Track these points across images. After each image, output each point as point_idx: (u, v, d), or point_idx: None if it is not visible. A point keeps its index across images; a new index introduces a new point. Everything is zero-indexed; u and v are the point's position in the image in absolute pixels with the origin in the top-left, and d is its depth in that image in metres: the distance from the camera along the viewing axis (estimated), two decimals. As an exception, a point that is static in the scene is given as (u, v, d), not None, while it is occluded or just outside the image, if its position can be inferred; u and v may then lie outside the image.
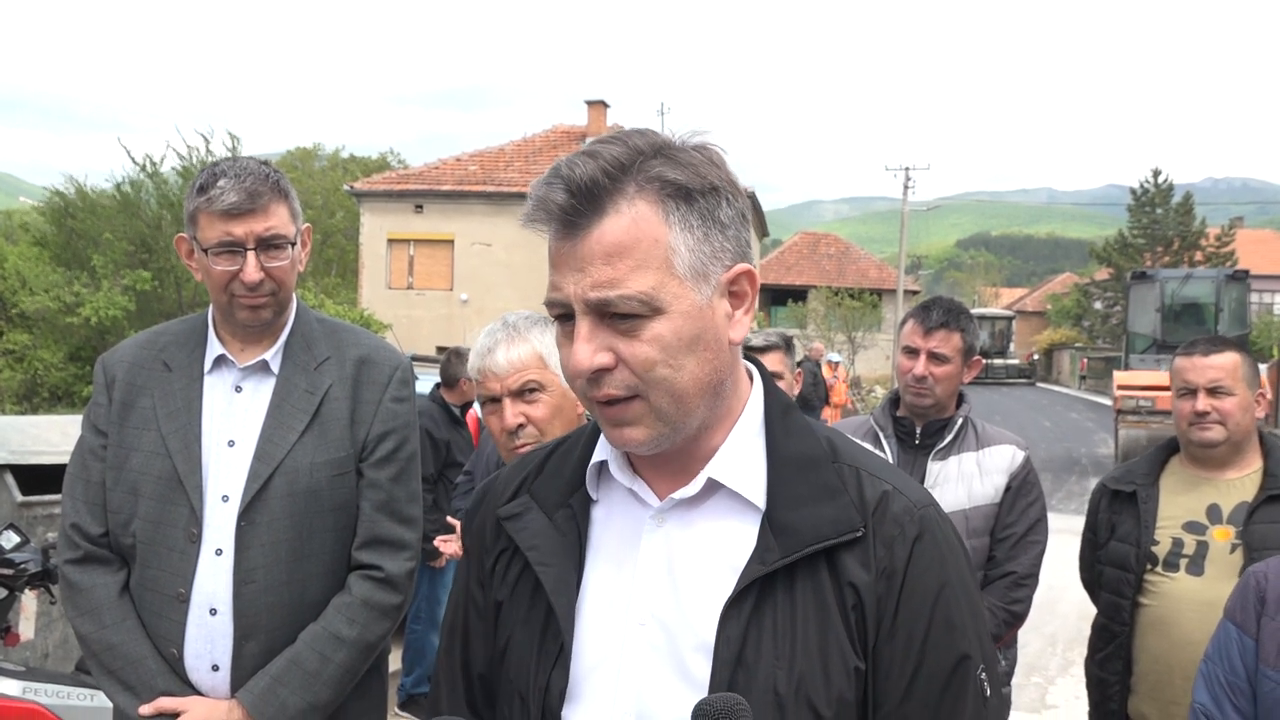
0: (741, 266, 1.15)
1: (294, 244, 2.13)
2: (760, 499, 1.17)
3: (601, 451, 1.24)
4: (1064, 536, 3.32)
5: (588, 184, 1.07)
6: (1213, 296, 17.32)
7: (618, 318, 1.09)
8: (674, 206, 1.09)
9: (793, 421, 1.22)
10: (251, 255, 2.06)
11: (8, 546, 3.08)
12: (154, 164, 22.45)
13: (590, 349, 1.10)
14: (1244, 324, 17.19)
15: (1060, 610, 7.45)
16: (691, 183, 1.10)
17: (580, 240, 1.09)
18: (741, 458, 1.19)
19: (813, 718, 1.10)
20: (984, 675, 1.17)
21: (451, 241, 27.86)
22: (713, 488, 1.18)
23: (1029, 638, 6.76)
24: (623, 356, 1.10)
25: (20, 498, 4.46)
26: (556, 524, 1.23)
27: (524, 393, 2.18)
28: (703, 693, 1.11)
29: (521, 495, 1.29)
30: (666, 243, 1.09)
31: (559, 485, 1.26)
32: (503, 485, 1.33)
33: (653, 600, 1.17)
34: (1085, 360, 39.58)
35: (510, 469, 1.36)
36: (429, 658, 5.54)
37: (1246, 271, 18.21)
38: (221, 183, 2.04)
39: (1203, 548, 2.69)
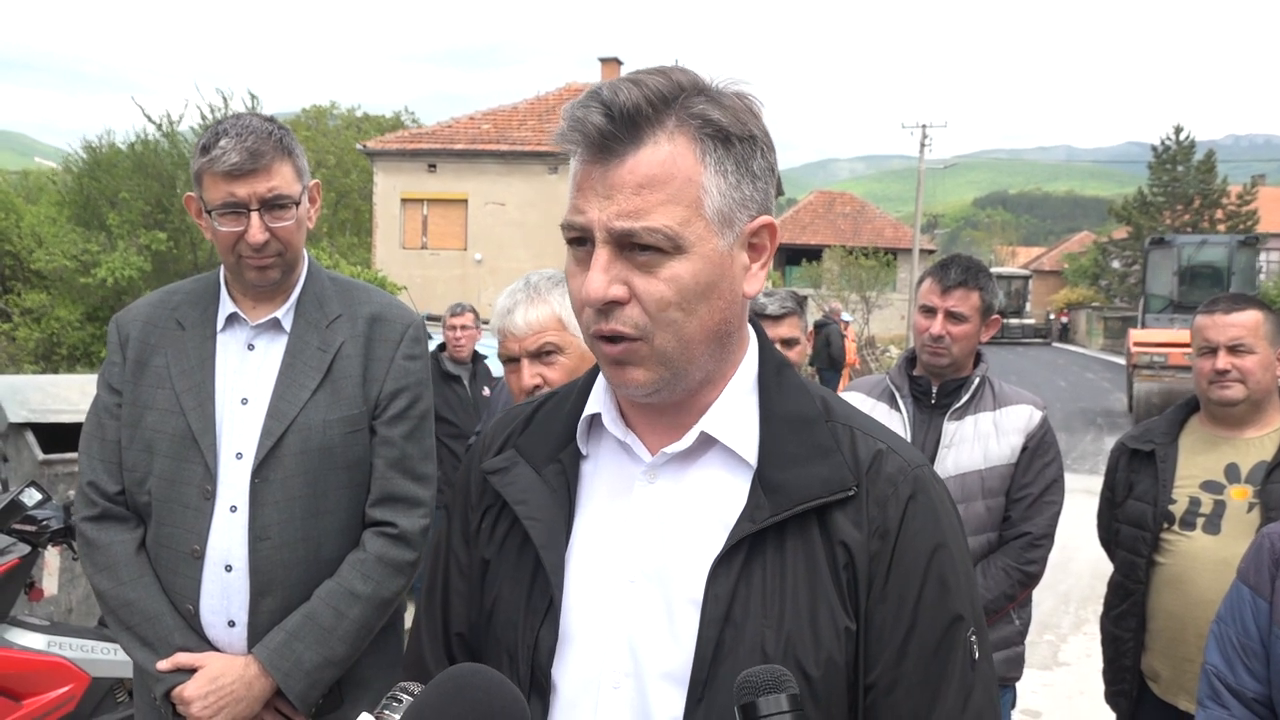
0: (765, 219, 1.13)
1: (299, 203, 2.11)
2: (752, 456, 1.15)
3: (595, 404, 1.23)
4: (1078, 496, 3.32)
5: (630, 110, 1.05)
6: (1226, 260, 18.33)
7: (638, 251, 1.07)
8: (711, 147, 1.07)
9: (786, 380, 1.21)
10: (255, 216, 2.05)
11: (30, 504, 3.12)
12: (171, 123, 22.41)
13: (606, 279, 1.07)
14: (1253, 286, 18.23)
15: (1073, 569, 7.47)
16: (732, 127, 1.08)
17: (613, 167, 1.06)
18: (735, 414, 1.17)
19: (801, 678, 1.08)
20: (974, 638, 1.16)
21: (465, 201, 27.77)
22: (705, 444, 1.17)
23: (1042, 596, 6.79)
24: (637, 292, 1.08)
25: (41, 455, 4.51)
26: (545, 478, 1.21)
27: (541, 354, 2.19)
28: (691, 651, 1.10)
29: (507, 450, 1.27)
30: (699, 182, 1.07)
31: (548, 439, 1.24)
32: (489, 440, 1.31)
33: (644, 556, 1.16)
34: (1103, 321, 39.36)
35: (495, 425, 1.34)
36: None
37: (1257, 237, 19.53)
38: (223, 142, 2.02)
39: (1220, 507, 2.68)
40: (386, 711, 1.07)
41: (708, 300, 1.10)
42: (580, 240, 1.10)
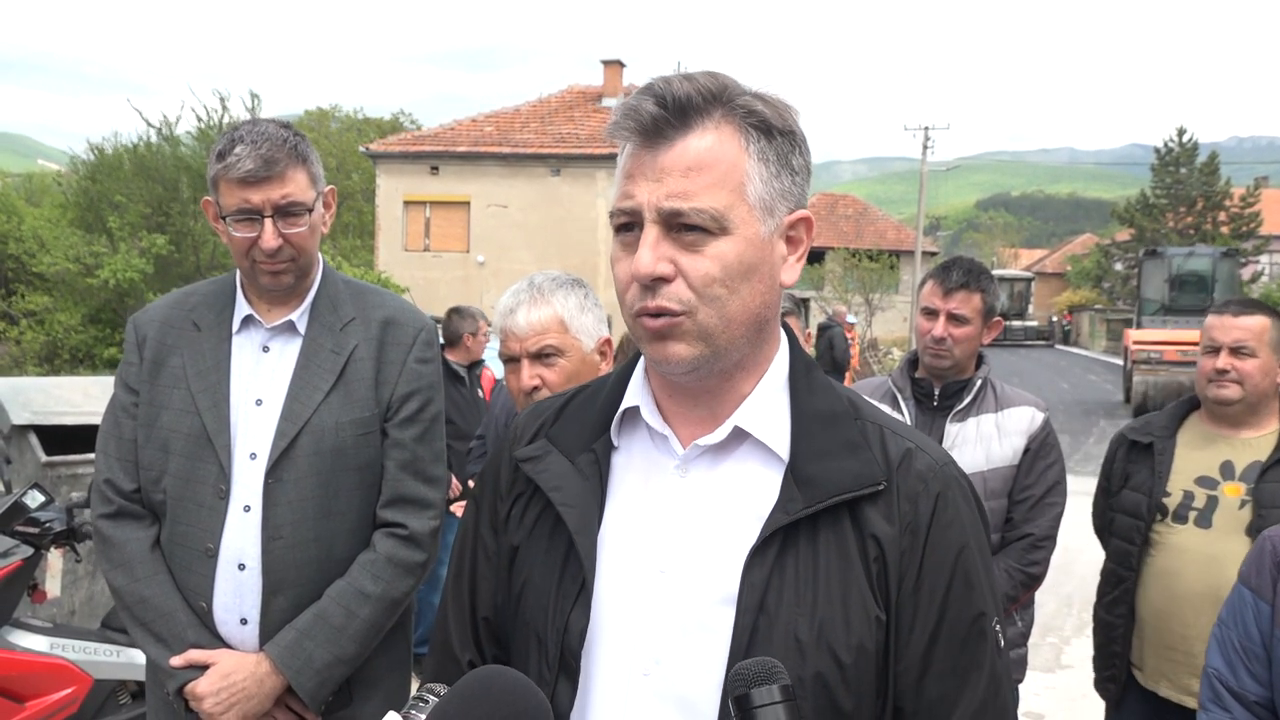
0: (802, 212, 1.19)
1: (312, 209, 2.14)
2: (784, 450, 1.19)
3: (632, 397, 1.26)
4: (1081, 498, 3.32)
5: (682, 100, 1.12)
6: (1210, 269, 20.84)
7: (685, 231, 1.12)
8: (755, 137, 1.14)
9: (815, 379, 1.25)
10: (269, 223, 2.08)
11: (33, 506, 3.13)
12: (169, 126, 22.45)
13: (654, 255, 1.12)
14: (1233, 292, 20.25)
15: (1076, 571, 7.45)
16: (774, 120, 1.15)
17: (662, 151, 1.12)
18: (767, 409, 1.21)
19: (833, 663, 1.12)
20: (998, 627, 1.21)
21: (467, 203, 27.79)
22: (738, 437, 1.20)
23: (1045, 598, 6.77)
24: (683, 269, 1.13)
25: (44, 458, 4.52)
26: (579, 467, 1.24)
27: (542, 356, 2.20)
28: (723, 639, 1.13)
29: (539, 440, 1.30)
30: (743, 169, 1.13)
31: (582, 430, 1.27)
32: (520, 430, 1.34)
33: (676, 546, 1.18)
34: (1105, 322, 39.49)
35: (527, 415, 1.37)
36: (428, 617, 5.58)
37: (1237, 249, 22.85)
38: (238, 149, 2.05)
39: (1212, 502, 2.74)
40: (413, 712, 1.08)
41: (749, 281, 1.15)
42: (628, 226, 1.15)
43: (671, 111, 1.12)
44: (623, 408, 1.26)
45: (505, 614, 1.28)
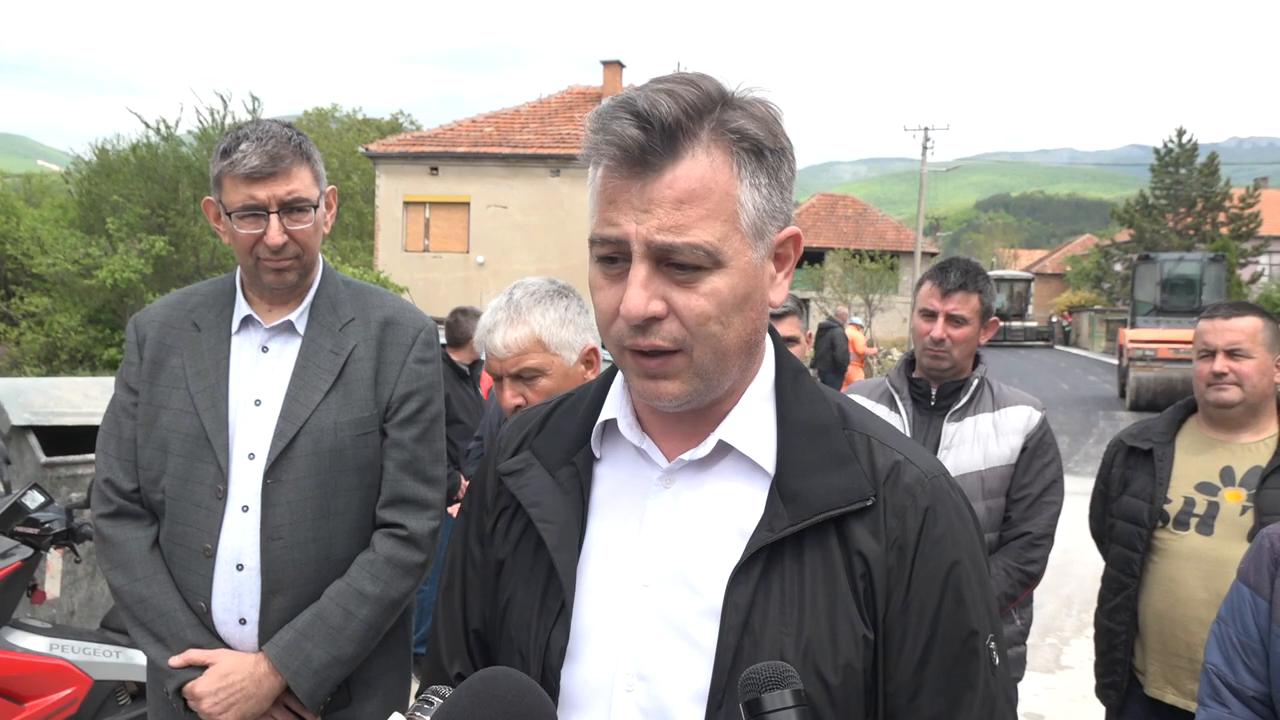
0: (791, 230, 1.14)
1: (316, 207, 2.15)
2: (769, 464, 1.15)
3: (610, 410, 1.22)
4: (1080, 499, 3.32)
5: (669, 123, 1.03)
6: (1199, 273, 22.19)
7: (675, 267, 1.06)
8: (746, 160, 1.07)
9: (803, 386, 1.20)
10: (274, 219, 2.09)
11: (32, 506, 3.13)
12: (169, 127, 22.47)
13: (645, 295, 1.06)
14: (1220, 295, 21.44)
15: (1075, 571, 7.46)
16: (765, 140, 1.08)
17: (651, 181, 1.04)
18: (752, 421, 1.17)
19: (819, 684, 1.08)
20: (993, 645, 1.17)
21: (467, 204, 27.81)
22: (722, 451, 1.17)
23: (1044, 599, 6.78)
24: (676, 308, 1.07)
25: (44, 458, 4.52)
26: (559, 481, 1.21)
27: (522, 377, 2.20)
28: (706, 656, 1.11)
29: (523, 451, 1.27)
30: (735, 196, 1.06)
31: (562, 442, 1.24)
32: (504, 442, 1.31)
33: (658, 561, 1.15)
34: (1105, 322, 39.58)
35: (511, 426, 1.34)
36: (429, 617, 5.58)
37: (1224, 255, 23.94)
38: (244, 146, 2.07)
39: (1213, 508, 2.74)
40: (418, 714, 1.07)
41: (742, 312, 1.10)
42: (611, 257, 1.09)
43: (657, 137, 1.03)
44: (601, 419, 1.22)
45: (492, 627, 1.26)
